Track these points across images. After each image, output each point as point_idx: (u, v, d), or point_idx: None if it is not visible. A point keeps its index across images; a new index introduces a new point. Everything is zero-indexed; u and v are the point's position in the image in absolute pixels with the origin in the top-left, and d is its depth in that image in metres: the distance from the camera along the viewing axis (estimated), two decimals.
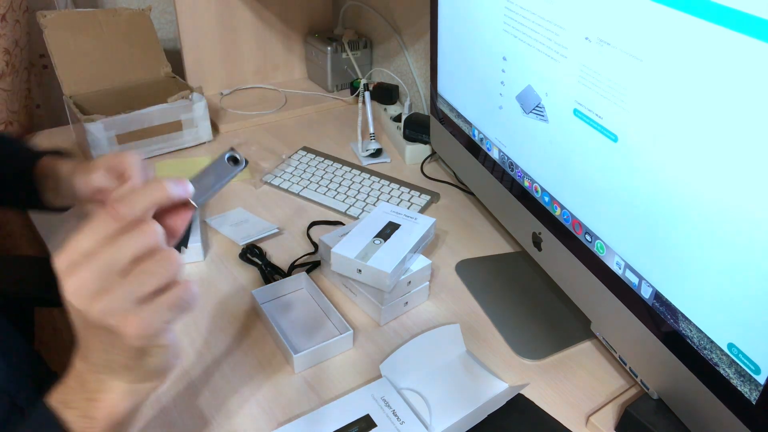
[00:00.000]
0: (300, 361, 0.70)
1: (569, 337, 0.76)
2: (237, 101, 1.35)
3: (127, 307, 0.40)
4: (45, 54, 1.30)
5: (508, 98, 0.77)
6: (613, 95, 0.58)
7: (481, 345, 0.76)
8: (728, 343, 0.51)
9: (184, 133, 1.15)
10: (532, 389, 0.69)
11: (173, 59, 1.27)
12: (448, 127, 0.98)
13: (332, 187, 1.05)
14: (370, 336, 0.76)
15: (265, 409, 0.66)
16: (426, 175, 1.11)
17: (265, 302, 0.79)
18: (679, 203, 0.53)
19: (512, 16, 0.71)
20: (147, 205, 0.42)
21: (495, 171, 0.85)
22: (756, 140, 0.44)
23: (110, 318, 0.40)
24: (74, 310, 0.41)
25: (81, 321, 0.42)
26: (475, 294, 0.83)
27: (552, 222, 0.73)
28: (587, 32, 0.59)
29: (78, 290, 0.40)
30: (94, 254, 0.40)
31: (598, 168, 0.62)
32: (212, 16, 1.29)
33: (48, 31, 1.11)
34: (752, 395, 0.49)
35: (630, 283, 0.61)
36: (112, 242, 0.40)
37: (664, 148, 0.53)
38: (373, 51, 1.42)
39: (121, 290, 0.40)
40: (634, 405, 0.63)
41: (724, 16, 0.44)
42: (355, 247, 0.76)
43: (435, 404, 0.67)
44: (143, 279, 0.41)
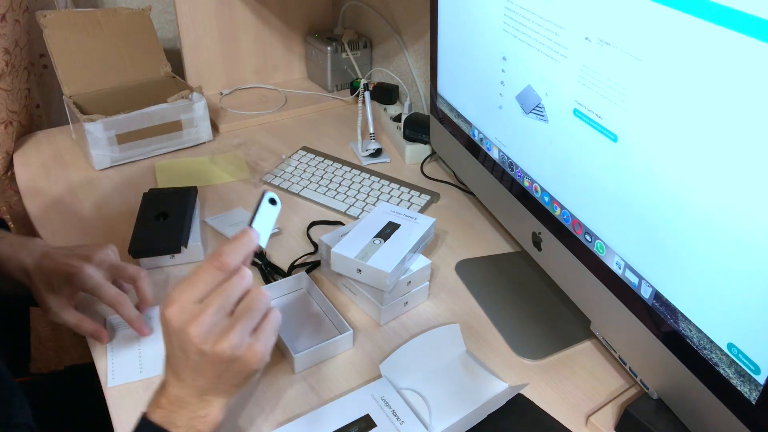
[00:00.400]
0: (300, 361, 0.70)
1: (569, 337, 0.76)
2: (237, 101, 1.35)
3: (248, 341, 0.51)
4: (45, 54, 1.30)
5: (508, 98, 0.77)
6: (613, 95, 0.58)
7: (481, 345, 0.76)
8: (728, 343, 0.51)
9: (184, 133, 1.15)
10: (532, 389, 0.69)
11: (173, 59, 1.27)
12: (448, 126, 0.98)
13: (332, 187, 1.05)
14: (370, 336, 0.76)
15: (265, 409, 0.66)
16: (426, 175, 1.11)
17: None
18: (679, 203, 0.53)
19: (512, 16, 0.71)
20: (245, 256, 0.52)
21: (495, 171, 0.85)
22: (756, 140, 0.44)
23: (238, 351, 0.50)
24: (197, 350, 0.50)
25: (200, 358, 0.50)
26: (475, 294, 0.83)
27: (552, 222, 0.73)
28: (587, 32, 0.59)
29: (204, 335, 0.49)
30: (209, 302, 0.50)
31: (598, 168, 0.62)
32: (212, 16, 1.29)
33: (48, 31, 1.11)
34: (752, 395, 0.49)
35: (630, 283, 0.61)
36: (220, 290, 0.50)
37: (664, 148, 0.53)
38: (373, 51, 1.42)
39: (240, 327, 0.50)
40: (634, 405, 0.63)
41: (724, 16, 0.44)
42: (355, 247, 0.76)
43: (435, 404, 0.67)
44: (251, 315, 0.51)
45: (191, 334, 0.49)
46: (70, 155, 1.14)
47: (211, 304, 0.49)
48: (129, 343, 0.72)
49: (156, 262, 0.85)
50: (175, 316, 0.49)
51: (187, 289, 0.50)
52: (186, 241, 0.85)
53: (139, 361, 0.70)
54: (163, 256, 0.85)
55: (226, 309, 0.50)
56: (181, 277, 0.84)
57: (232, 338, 0.50)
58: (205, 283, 0.50)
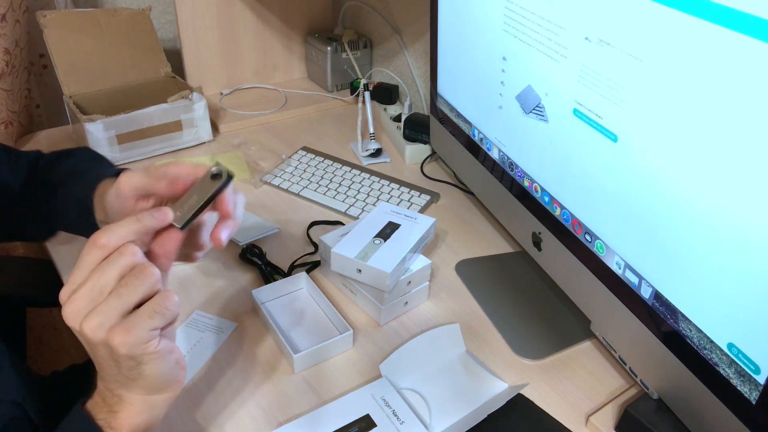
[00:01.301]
0: (300, 361, 0.70)
1: (569, 337, 0.76)
2: (237, 101, 1.35)
3: (113, 322, 0.45)
4: (45, 54, 1.30)
5: (508, 98, 0.77)
6: (612, 95, 0.58)
7: (481, 345, 0.76)
8: (728, 343, 0.51)
9: (184, 133, 1.15)
10: (532, 389, 0.69)
11: (173, 59, 1.27)
12: (448, 127, 0.98)
13: (332, 187, 1.05)
14: (370, 336, 0.76)
15: (265, 409, 0.66)
16: (426, 175, 1.11)
17: (265, 302, 0.79)
18: (678, 203, 0.53)
19: (512, 16, 0.71)
20: (124, 235, 0.47)
21: (495, 171, 0.85)
22: (756, 140, 0.44)
23: (99, 332, 0.45)
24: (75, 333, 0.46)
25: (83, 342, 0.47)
26: (475, 294, 0.83)
27: (552, 222, 0.73)
28: (587, 32, 0.59)
29: (72, 313, 0.46)
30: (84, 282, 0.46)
31: (598, 168, 0.62)
32: (212, 16, 1.29)
33: (48, 31, 1.11)
34: (752, 395, 0.49)
35: (630, 283, 0.61)
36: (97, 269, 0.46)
37: (664, 148, 0.53)
38: (373, 51, 1.42)
39: (106, 306, 0.45)
40: (634, 405, 0.63)
41: (724, 16, 0.44)
42: (355, 247, 0.76)
43: (435, 404, 0.67)
44: (123, 293, 0.46)
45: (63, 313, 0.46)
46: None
47: (85, 283, 0.46)
48: None
49: None
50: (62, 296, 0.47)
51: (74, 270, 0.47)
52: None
53: None
54: None
55: (101, 288, 0.46)
56: (180, 276, 0.85)
57: (94, 317, 0.45)
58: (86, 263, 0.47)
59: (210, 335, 0.75)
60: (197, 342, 0.74)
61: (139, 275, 0.46)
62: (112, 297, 0.46)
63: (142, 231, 0.49)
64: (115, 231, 0.47)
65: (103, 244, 0.47)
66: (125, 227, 0.48)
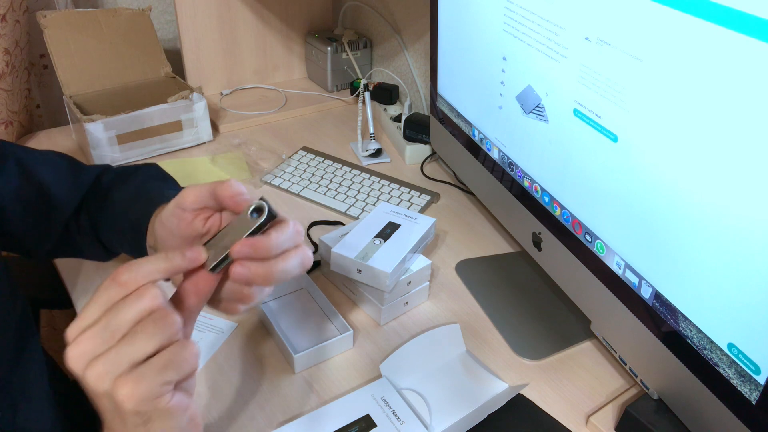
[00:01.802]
0: (300, 361, 0.70)
1: (569, 337, 0.76)
2: (237, 101, 1.35)
3: (120, 371, 0.40)
4: (45, 54, 1.30)
5: (508, 98, 0.77)
6: (613, 95, 0.58)
7: (481, 345, 0.76)
8: (728, 343, 0.51)
9: (184, 133, 1.15)
10: (532, 389, 0.69)
11: (173, 59, 1.27)
12: (448, 127, 0.98)
13: (332, 187, 1.05)
14: (370, 336, 0.76)
15: (265, 409, 0.66)
16: (426, 175, 1.11)
17: (265, 302, 0.79)
18: (678, 203, 0.53)
19: (512, 16, 0.71)
20: (147, 274, 0.42)
21: (495, 171, 0.85)
22: (756, 140, 0.44)
23: (104, 381, 0.40)
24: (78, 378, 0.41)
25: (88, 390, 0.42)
26: (475, 294, 0.83)
27: (552, 222, 0.73)
28: (587, 32, 0.59)
29: (76, 356, 0.41)
30: (96, 322, 0.41)
31: (598, 168, 0.62)
32: (212, 17, 1.29)
33: (48, 31, 1.11)
34: (752, 395, 0.49)
35: (630, 283, 0.61)
36: (112, 309, 0.41)
37: (664, 148, 0.53)
38: (373, 51, 1.42)
39: (115, 353, 0.40)
40: (634, 405, 0.63)
41: (724, 16, 0.44)
42: (355, 247, 0.76)
43: (435, 404, 0.67)
44: (137, 339, 0.40)
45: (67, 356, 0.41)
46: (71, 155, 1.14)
47: (97, 323, 0.41)
48: None
49: None
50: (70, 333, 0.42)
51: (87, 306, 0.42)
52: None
53: None
54: None
55: (113, 330, 0.41)
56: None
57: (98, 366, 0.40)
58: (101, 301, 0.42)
59: (210, 335, 0.75)
60: (197, 342, 0.74)
61: (157, 322, 0.41)
62: (123, 343, 0.40)
63: (170, 271, 0.44)
64: (139, 268, 0.42)
65: (123, 281, 0.42)
66: (151, 265, 0.43)
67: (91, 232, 0.72)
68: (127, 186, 0.70)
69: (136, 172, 0.73)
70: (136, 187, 0.70)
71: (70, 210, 0.72)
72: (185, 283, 0.46)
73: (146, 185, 0.70)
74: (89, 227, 0.72)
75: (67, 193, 0.72)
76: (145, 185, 0.70)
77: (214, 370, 0.71)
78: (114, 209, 0.68)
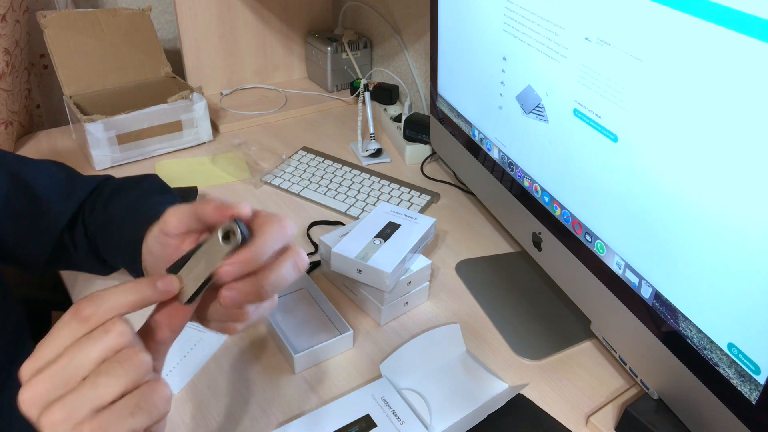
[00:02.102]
0: (300, 361, 0.70)
1: (569, 337, 0.76)
2: (237, 101, 1.35)
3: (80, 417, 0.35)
4: (45, 54, 1.31)
5: (508, 98, 0.77)
6: (613, 95, 0.58)
7: (481, 345, 0.76)
8: (728, 343, 0.51)
9: (184, 133, 1.15)
10: (532, 389, 0.69)
11: (173, 59, 1.27)
12: (448, 127, 0.98)
13: (332, 187, 1.05)
14: (370, 336, 0.76)
15: (265, 409, 0.66)
16: (426, 175, 1.11)
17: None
18: (678, 203, 0.53)
19: (512, 16, 0.71)
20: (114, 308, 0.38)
21: (495, 171, 0.85)
22: (755, 140, 0.44)
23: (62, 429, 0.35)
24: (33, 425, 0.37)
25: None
26: (475, 294, 0.83)
27: (552, 222, 0.73)
28: (587, 32, 0.59)
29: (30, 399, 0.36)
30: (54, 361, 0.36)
31: (598, 168, 0.62)
32: (212, 17, 1.29)
33: (48, 31, 1.11)
34: (752, 395, 0.49)
35: (630, 283, 0.61)
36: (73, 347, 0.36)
37: (664, 148, 0.53)
38: (373, 51, 1.42)
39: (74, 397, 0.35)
40: (634, 405, 0.63)
41: (724, 16, 0.44)
42: (355, 247, 0.76)
43: (435, 404, 0.67)
44: (100, 382, 0.36)
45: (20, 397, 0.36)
46: (71, 155, 1.14)
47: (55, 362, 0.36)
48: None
49: None
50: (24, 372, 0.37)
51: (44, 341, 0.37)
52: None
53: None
54: None
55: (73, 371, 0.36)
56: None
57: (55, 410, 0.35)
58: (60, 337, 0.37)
59: (210, 335, 0.75)
60: (197, 342, 0.74)
61: (124, 362, 0.36)
62: (86, 386, 0.36)
63: (138, 304, 0.39)
64: (103, 301, 0.38)
65: (86, 316, 0.37)
66: (117, 298, 0.38)
67: (88, 245, 0.70)
68: (124, 200, 0.68)
69: (136, 186, 0.70)
70: (134, 202, 0.67)
71: (64, 222, 0.69)
72: (157, 314, 0.41)
73: (144, 201, 0.67)
74: (85, 240, 0.70)
75: (60, 204, 0.69)
76: (142, 201, 0.67)
77: (213, 370, 0.71)
78: (111, 225, 0.66)
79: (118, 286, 0.39)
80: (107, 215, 0.68)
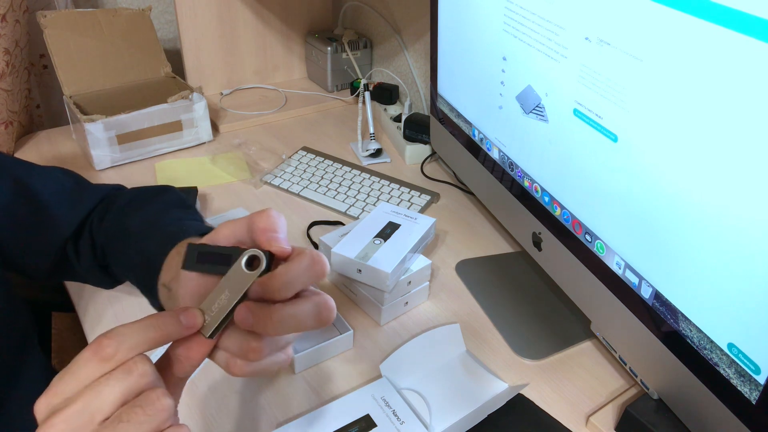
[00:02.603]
0: (300, 361, 0.70)
1: (569, 337, 0.76)
2: (237, 101, 1.35)
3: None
4: (45, 54, 1.31)
5: (508, 98, 0.77)
6: (613, 95, 0.58)
7: (481, 345, 0.76)
8: (728, 343, 0.51)
9: (184, 133, 1.15)
10: (532, 389, 0.69)
11: (173, 59, 1.27)
12: (448, 127, 0.98)
13: (332, 187, 1.05)
14: (370, 336, 0.76)
15: (265, 409, 0.66)
16: (426, 175, 1.11)
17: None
18: (679, 203, 0.53)
19: (512, 16, 0.71)
20: (136, 346, 0.37)
21: (495, 171, 0.85)
22: (755, 140, 0.44)
23: None
24: None
25: None
26: (475, 294, 0.83)
27: (552, 222, 0.73)
28: (587, 32, 0.59)
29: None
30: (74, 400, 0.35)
31: (598, 168, 0.62)
32: (212, 17, 1.29)
33: (48, 31, 1.11)
34: (752, 395, 0.49)
35: (630, 283, 0.61)
36: (94, 387, 0.36)
37: (664, 148, 0.53)
38: (373, 51, 1.42)
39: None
40: (634, 405, 0.63)
41: (724, 16, 0.44)
42: (355, 247, 0.76)
43: (435, 404, 0.67)
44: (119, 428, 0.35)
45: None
46: (71, 155, 1.14)
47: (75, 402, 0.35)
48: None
49: None
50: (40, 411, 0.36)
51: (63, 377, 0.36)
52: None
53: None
54: None
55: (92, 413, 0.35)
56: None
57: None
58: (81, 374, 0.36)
59: None
60: None
61: (147, 407, 0.36)
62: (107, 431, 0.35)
63: (161, 341, 0.38)
64: (125, 338, 0.37)
65: (107, 355, 0.36)
66: (140, 334, 0.38)
67: (93, 256, 0.68)
68: (143, 214, 0.64)
69: (154, 199, 0.67)
70: (153, 216, 0.63)
71: (70, 231, 0.67)
72: (176, 348, 0.41)
73: (164, 215, 0.64)
74: (91, 252, 0.68)
75: (66, 213, 0.68)
76: (163, 216, 0.63)
77: (214, 369, 0.71)
78: (127, 239, 0.63)
79: (140, 322, 0.38)
80: (122, 227, 0.65)
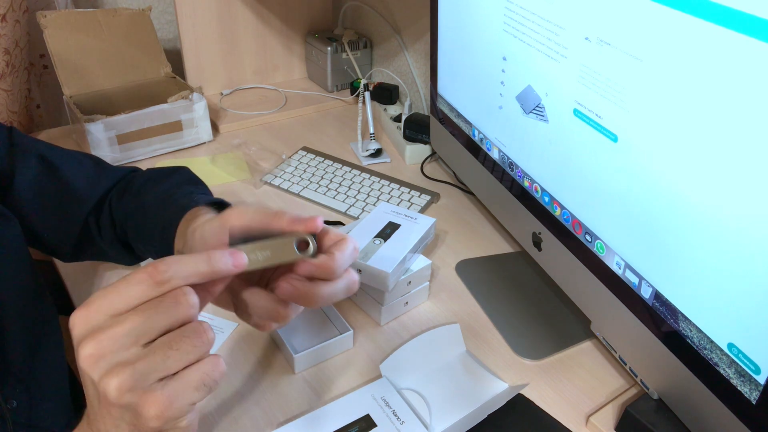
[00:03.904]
0: (300, 361, 0.70)
1: (569, 337, 0.76)
2: (237, 101, 1.35)
3: (149, 385, 0.36)
4: (45, 54, 1.30)
5: (508, 98, 0.77)
6: (613, 95, 0.58)
7: (481, 345, 0.76)
8: (728, 343, 0.51)
9: (184, 133, 1.15)
10: (532, 389, 0.69)
11: (173, 59, 1.27)
12: (448, 127, 0.98)
13: (332, 187, 1.05)
14: (370, 336, 0.76)
15: (265, 409, 0.66)
16: (426, 175, 1.11)
17: None
18: (679, 203, 0.53)
19: (512, 16, 0.71)
20: (188, 276, 0.39)
21: (495, 171, 0.85)
22: (756, 141, 0.44)
23: (128, 395, 0.36)
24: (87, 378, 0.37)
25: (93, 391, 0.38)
26: (475, 294, 0.83)
27: (552, 222, 0.73)
28: (587, 32, 0.59)
29: (95, 358, 0.36)
30: (121, 320, 0.37)
31: (598, 168, 0.62)
32: (212, 17, 1.29)
33: (48, 31, 1.11)
34: (752, 395, 0.49)
35: (630, 283, 0.61)
36: (143, 310, 0.37)
37: (664, 148, 0.53)
38: (373, 51, 1.42)
39: (144, 365, 0.36)
40: (634, 405, 0.63)
41: (724, 16, 0.44)
42: None
43: (435, 404, 0.67)
44: (169, 355, 0.37)
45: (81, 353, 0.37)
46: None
47: (122, 322, 0.36)
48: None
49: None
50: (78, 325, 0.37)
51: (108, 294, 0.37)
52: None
53: None
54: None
55: (141, 335, 0.37)
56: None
57: (124, 376, 0.36)
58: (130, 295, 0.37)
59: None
60: None
61: (194, 339, 0.38)
62: (156, 356, 0.36)
63: (210, 276, 0.40)
64: (180, 267, 0.38)
65: (163, 280, 0.37)
66: (192, 266, 0.39)
67: (114, 232, 0.72)
68: (157, 191, 0.68)
69: (169, 177, 0.71)
70: (167, 191, 0.68)
71: (90, 206, 0.71)
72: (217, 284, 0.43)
73: (176, 190, 0.68)
74: (111, 227, 0.72)
75: (87, 189, 0.71)
76: (175, 190, 0.68)
77: None
78: (145, 213, 0.67)
79: (193, 256, 0.40)
80: (139, 203, 0.68)
